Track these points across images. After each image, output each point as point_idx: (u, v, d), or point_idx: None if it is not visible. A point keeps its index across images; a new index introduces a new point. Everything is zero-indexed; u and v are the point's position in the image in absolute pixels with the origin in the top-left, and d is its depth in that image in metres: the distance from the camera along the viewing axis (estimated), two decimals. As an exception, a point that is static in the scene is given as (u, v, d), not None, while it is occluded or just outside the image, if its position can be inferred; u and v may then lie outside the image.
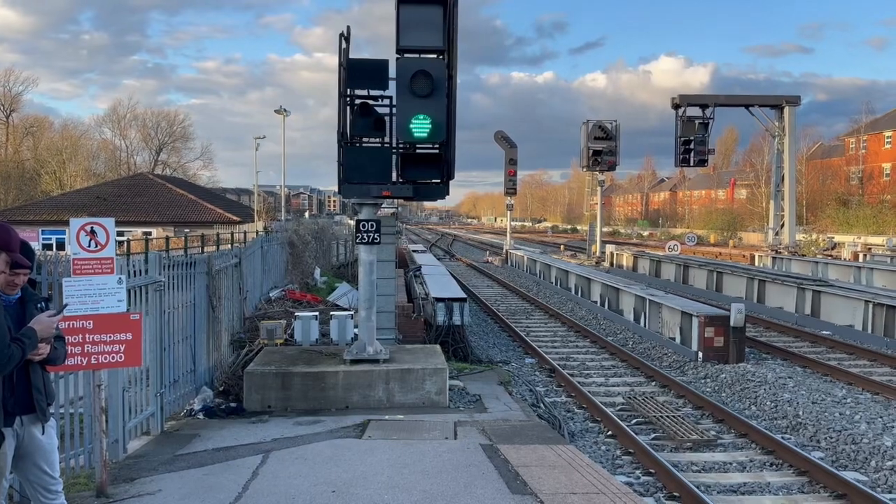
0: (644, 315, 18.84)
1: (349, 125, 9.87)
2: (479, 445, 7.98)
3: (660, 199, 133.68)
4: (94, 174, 77.01)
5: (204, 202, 51.65)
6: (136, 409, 8.03)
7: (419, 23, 9.44)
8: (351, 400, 9.82)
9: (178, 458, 7.57)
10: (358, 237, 10.22)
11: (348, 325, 12.28)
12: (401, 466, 7.23)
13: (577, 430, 10.69)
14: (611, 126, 43.40)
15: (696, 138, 38.97)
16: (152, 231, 43.25)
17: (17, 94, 76.36)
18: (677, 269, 31.17)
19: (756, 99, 41.93)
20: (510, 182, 44.08)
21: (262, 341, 12.03)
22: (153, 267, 8.35)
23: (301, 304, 17.30)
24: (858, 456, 9.40)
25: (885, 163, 72.84)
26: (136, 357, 6.38)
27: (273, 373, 9.83)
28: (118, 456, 7.40)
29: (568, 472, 7.12)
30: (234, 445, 8.04)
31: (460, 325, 16.02)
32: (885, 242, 45.94)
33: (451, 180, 9.99)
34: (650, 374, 14.18)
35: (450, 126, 9.56)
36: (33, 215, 46.78)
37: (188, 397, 9.66)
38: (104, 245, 6.31)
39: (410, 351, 11.32)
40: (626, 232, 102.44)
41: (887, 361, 15.27)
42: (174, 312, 9.02)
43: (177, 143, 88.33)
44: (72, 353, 5.90)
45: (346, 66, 9.64)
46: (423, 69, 9.29)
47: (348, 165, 9.82)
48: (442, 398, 10.00)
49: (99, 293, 6.19)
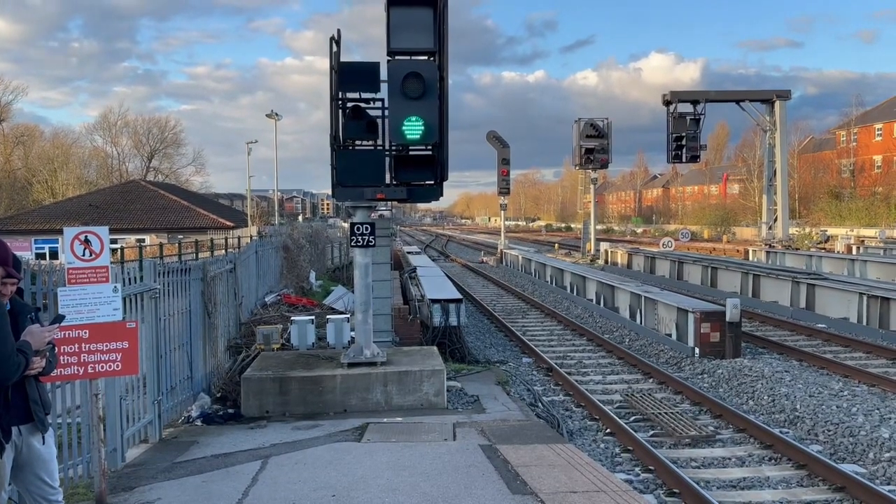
0: (640, 312, 18.87)
1: (341, 128, 9.86)
2: (479, 446, 7.98)
3: (653, 195, 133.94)
4: (86, 182, 76.74)
5: (197, 208, 51.55)
6: (134, 417, 8.00)
7: (410, 25, 9.42)
8: (349, 403, 9.80)
9: (176, 466, 7.54)
10: (353, 240, 10.22)
11: (345, 328, 12.26)
12: (400, 469, 7.23)
13: (576, 428, 10.70)
14: (602, 124, 43.52)
15: (688, 134, 39.12)
16: (146, 238, 43.12)
17: (6, 103, 76.02)
18: (672, 265, 31.22)
19: (747, 94, 42.11)
20: (503, 182, 44.14)
21: (259, 346, 12.01)
22: (148, 274, 8.33)
23: (297, 308, 17.27)
24: (856, 448, 9.44)
25: (875, 155, 73.14)
26: (133, 365, 6.36)
27: (270, 378, 9.81)
28: (117, 465, 7.37)
29: (568, 470, 7.12)
30: (232, 451, 8.02)
31: (457, 326, 16.02)
32: (877, 234, 46.13)
33: (444, 181, 9.98)
34: (647, 371, 14.21)
35: (442, 127, 9.55)
36: (25, 225, 46.62)
37: (186, 404, 9.64)
38: (99, 254, 6.29)
39: (408, 353, 11.31)
40: (620, 229, 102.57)
41: (883, 353, 15.33)
42: (170, 319, 9.00)
43: (168, 150, 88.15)
44: (68, 362, 5.88)
45: (337, 69, 9.64)
46: (414, 71, 9.28)
47: (341, 168, 9.81)
48: (440, 399, 10.00)
49: (94, 302, 6.17)
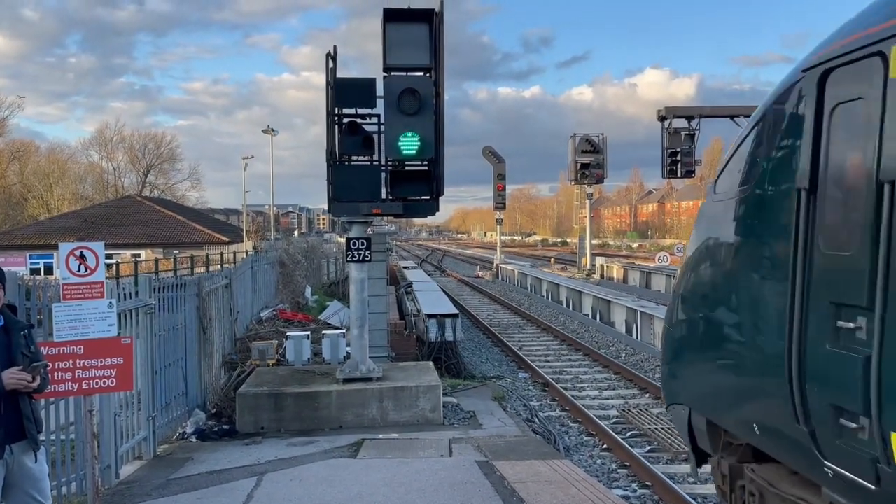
0: (636, 327, 18.87)
1: (338, 144, 9.89)
2: (475, 462, 7.94)
3: (648, 210, 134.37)
4: (82, 197, 76.63)
5: (193, 223, 51.50)
6: (128, 433, 7.96)
7: (406, 41, 9.49)
8: (345, 419, 9.76)
9: (171, 483, 7.49)
10: (349, 255, 10.21)
11: (340, 343, 12.23)
12: (396, 485, 7.18)
13: (573, 444, 10.66)
14: (598, 139, 43.69)
15: (683, 150, 39.23)
16: (141, 253, 43.05)
17: (2, 118, 76.01)
18: (667, 280, 31.26)
19: (741, 109, 42.27)
20: (499, 196, 44.28)
21: (254, 362, 11.97)
22: (143, 290, 8.31)
23: (292, 323, 17.23)
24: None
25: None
26: (128, 381, 6.32)
27: (266, 394, 9.77)
28: (111, 482, 7.31)
29: (564, 487, 7.09)
30: (227, 468, 7.97)
31: (453, 341, 16.01)
32: None
33: (440, 196, 10.01)
34: (644, 386, 14.18)
35: (438, 143, 9.59)
36: (20, 240, 46.51)
37: (180, 420, 9.58)
38: (94, 269, 6.27)
39: (403, 368, 11.28)
40: (616, 244, 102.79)
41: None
42: (165, 335, 8.97)
43: (164, 165, 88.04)
44: (62, 378, 5.85)
45: (333, 85, 9.68)
46: (410, 87, 9.33)
47: (338, 184, 9.83)
48: (436, 415, 9.96)
49: (89, 318, 6.14)
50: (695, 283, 5.82)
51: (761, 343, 4.60)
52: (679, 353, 6.10)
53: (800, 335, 4.05)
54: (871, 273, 3.54)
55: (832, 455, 3.90)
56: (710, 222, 5.67)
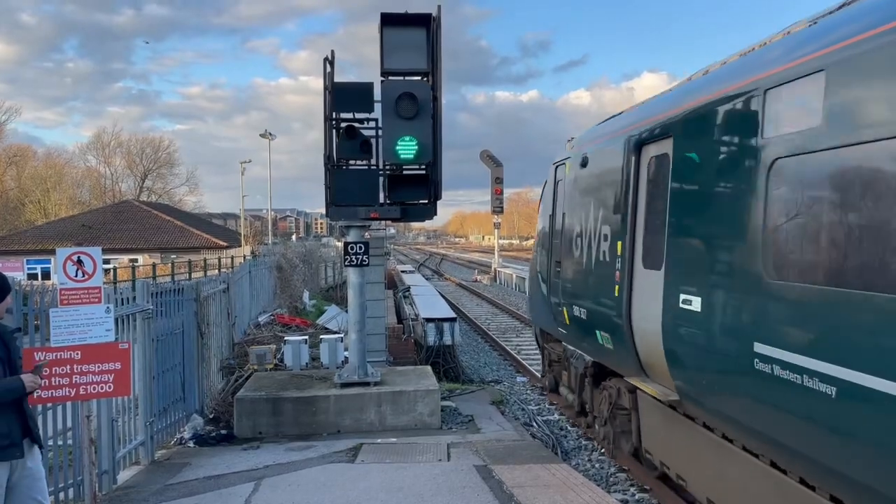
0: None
1: (336, 148, 9.89)
2: (473, 466, 7.93)
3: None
4: (79, 202, 76.63)
5: (190, 228, 51.51)
6: (126, 438, 7.94)
7: (403, 45, 9.50)
8: (343, 424, 9.74)
9: (169, 488, 7.47)
10: (346, 259, 10.21)
11: (338, 348, 12.22)
12: (395, 490, 7.17)
13: (571, 448, 10.64)
14: (595, 143, 43.72)
15: (680, 153, 39.33)
16: (139, 258, 43.05)
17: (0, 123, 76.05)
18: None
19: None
20: (497, 200, 44.29)
21: (252, 367, 11.96)
22: (141, 295, 8.30)
23: (290, 328, 17.22)
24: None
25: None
26: (126, 386, 6.32)
27: (264, 398, 9.75)
28: (108, 487, 7.29)
29: (563, 491, 7.08)
30: (225, 473, 7.95)
31: (451, 345, 16.00)
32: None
33: (438, 200, 10.01)
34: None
35: (436, 147, 9.60)
36: (18, 245, 46.47)
37: (178, 425, 9.56)
38: (91, 274, 6.27)
39: (402, 373, 11.27)
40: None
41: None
42: (163, 340, 8.95)
43: (162, 170, 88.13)
44: (59, 384, 5.84)
45: (331, 89, 9.68)
46: (407, 91, 9.33)
47: (335, 188, 9.83)
48: (434, 419, 9.95)
49: (87, 323, 6.14)
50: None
51: (539, 280, 11.47)
52: (530, 299, 13.30)
53: (547, 278, 10.70)
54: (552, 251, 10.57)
55: (558, 324, 10.26)
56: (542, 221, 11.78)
